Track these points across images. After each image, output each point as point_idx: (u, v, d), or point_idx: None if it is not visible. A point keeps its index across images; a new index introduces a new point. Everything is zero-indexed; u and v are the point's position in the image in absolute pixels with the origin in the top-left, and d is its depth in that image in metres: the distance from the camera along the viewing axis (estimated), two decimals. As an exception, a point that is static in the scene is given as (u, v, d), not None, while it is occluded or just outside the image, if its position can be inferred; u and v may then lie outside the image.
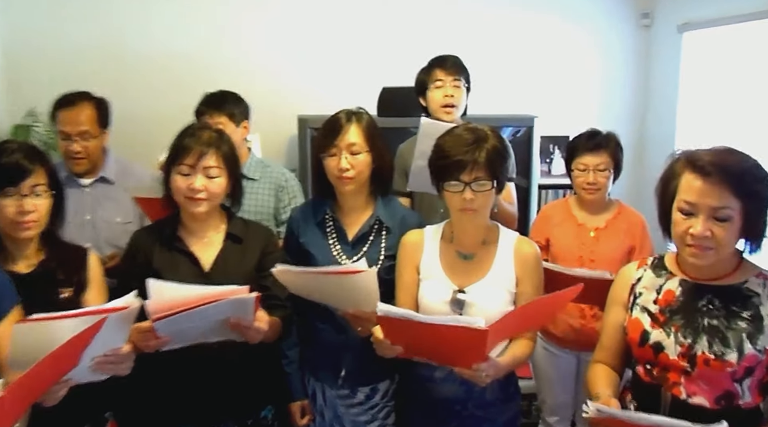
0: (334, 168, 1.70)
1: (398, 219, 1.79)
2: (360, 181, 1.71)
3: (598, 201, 2.30)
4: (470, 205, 1.60)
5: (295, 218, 1.82)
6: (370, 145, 1.73)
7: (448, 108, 2.28)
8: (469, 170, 1.59)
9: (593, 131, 2.30)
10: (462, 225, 1.67)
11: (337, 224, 1.79)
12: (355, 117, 1.74)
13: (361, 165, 1.71)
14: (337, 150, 1.71)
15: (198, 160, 1.59)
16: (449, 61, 2.29)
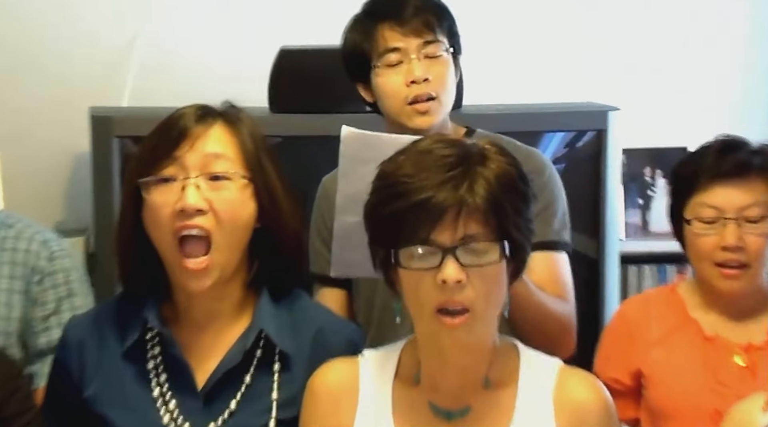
0: (166, 213, 1.52)
1: (308, 335, 1.61)
2: (228, 248, 1.55)
3: (747, 291, 2.01)
4: (454, 299, 1.41)
5: (74, 342, 1.63)
6: (249, 166, 1.57)
7: (419, 106, 1.97)
8: (452, 222, 1.40)
9: (732, 141, 2.04)
10: (440, 347, 1.48)
11: (170, 352, 1.58)
12: (221, 114, 1.59)
13: (230, 208, 1.54)
14: (179, 170, 1.53)
15: None
16: (412, 3, 2.01)
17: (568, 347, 1.93)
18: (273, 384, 1.57)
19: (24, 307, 1.94)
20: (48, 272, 1.97)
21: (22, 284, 1.94)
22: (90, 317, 1.67)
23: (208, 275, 1.53)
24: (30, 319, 1.95)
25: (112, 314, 1.63)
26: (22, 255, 1.96)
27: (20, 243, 1.98)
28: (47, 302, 1.96)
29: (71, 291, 1.99)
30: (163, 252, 1.55)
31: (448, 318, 1.41)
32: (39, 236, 1.99)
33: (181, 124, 1.56)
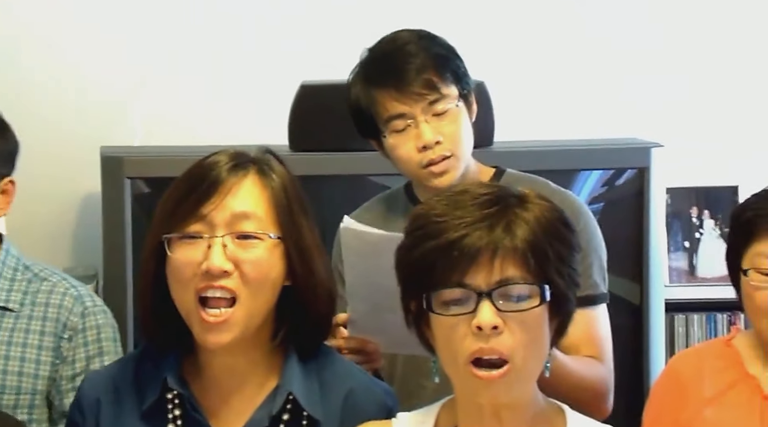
0: (189, 272, 1.49)
1: (338, 397, 1.57)
2: (252, 307, 1.51)
3: None
4: (491, 347, 1.38)
5: (90, 401, 1.58)
6: (280, 224, 1.54)
7: (435, 168, 1.95)
8: (487, 264, 1.38)
9: None
10: (477, 407, 1.44)
11: (192, 415, 1.54)
12: (254, 163, 1.54)
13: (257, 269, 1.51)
14: (205, 228, 1.50)
15: None
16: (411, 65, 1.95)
17: (602, 412, 1.90)
18: None
19: (53, 364, 1.94)
20: (79, 328, 1.96)
21: (53, 341, 1.95)
22: (107, 375, 1.63)
23: (228, 329, 1.49)
24: (58, 377, 1.94)
25: (130, 371, 1.60)
26: (54, 310, 1.97)
27: (53, 297, 1.99)
28: (77, 361, 1.95)
29: (102, 350, 1.98)
30: (181, 307, 1.51)
31: (484, 371, 1.37)
32: (73, 291, 2.00)
33: (212, 175, 1.52)
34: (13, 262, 2.03)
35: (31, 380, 1.96)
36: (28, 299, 2.00)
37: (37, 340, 1.97)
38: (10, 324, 1.97)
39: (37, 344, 1.97)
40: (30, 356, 1.96)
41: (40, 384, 1.96)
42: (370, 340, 1.84)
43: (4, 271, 2.00)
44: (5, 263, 2.02)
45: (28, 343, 1.96)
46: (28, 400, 1.95)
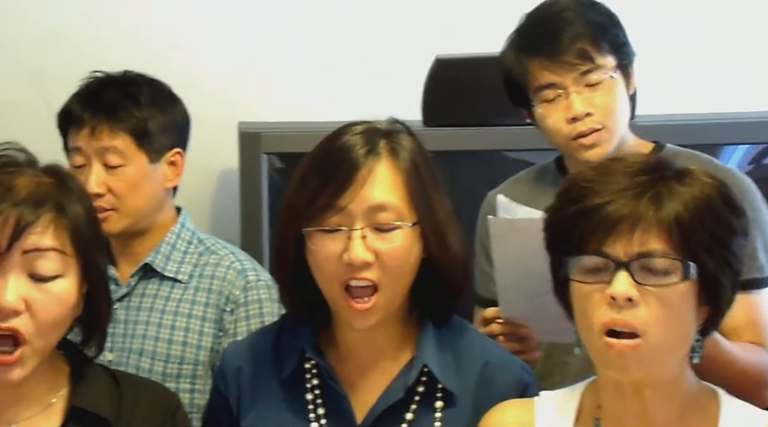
0: (331, 264, 1.49)
1: (473, 371, 1.56)
2: (393, 291, 1.52)
3: None
4: (624, 319, 1.33)
5: (232, 369, 1.61)
6: (416, 208, 1.52)
7: (585, 140, 1.89)
8: (627, 234, 1.32)
9: None
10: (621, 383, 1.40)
11: (329, 384, 1.55)
12: (386, 143, 1.52)
13: (397, 258, 1.51)
14: (344, 219, 1.49)
15: (10, 240, 1.33)
16: (565, 33, 1.88)
17: (764, 400, 1.80)
18: (435, 422, 1.54)
19: (215, 336, 1.98)
20: (242, 302, 1.99)
21: (216, 313, 1.98)
22: (247, 344, 1.66)
23: (373, 314, 1.51)
24: (220, 349, 1.96)
25: (269, 341, 1.62)
26: (218, 283, 2.01)
27: (218, 270, 2.03)
28: (239, 334, 1.98)
29: (264, 324, 1.99)
30: (327, 294, 1.53)
31: (615, 340, 1.32)
32: (237, 265, 2.03)
33: (347, 164, 1.51)
34: (187, 235, 2.06)
35: (194, 350, 1.99)
36: (197, 271, 2.03)
37: (201, 311, 2.00)
38: (178, 295, 2.01)
39: (201, 315, 2.00)
40: (194, 327, 1.99)
41: (203, 355, 1.98)
42: (523, 324, 1.83)
43: (178, 243, 2.04)
44: (180, 235, 2.05)
45: (192, 314, 1.99)
46: (191, 370, 1.98)
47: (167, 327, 1.99)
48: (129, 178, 1.99)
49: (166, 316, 2.00)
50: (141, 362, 1.98)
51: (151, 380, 1.67)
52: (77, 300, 1.40)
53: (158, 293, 2.02)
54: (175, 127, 2.07)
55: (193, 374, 1.98)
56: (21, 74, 2.53)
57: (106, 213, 1.96)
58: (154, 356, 1.97)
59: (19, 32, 2.79)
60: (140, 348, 1.97)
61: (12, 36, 2.81)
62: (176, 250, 2.05)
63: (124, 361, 1.98)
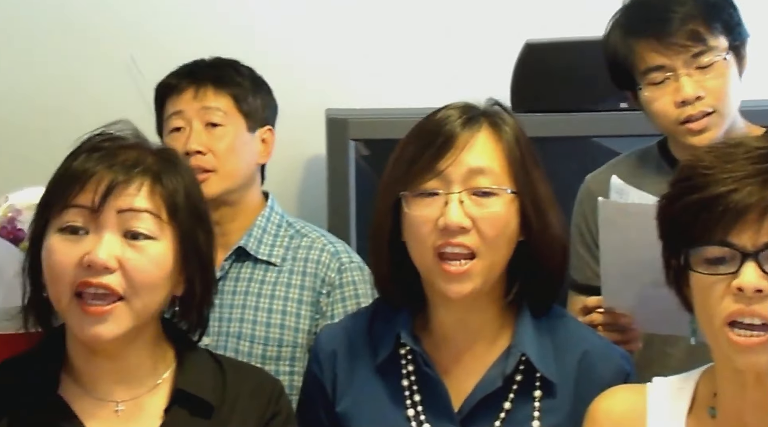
0: (427, 229, 1.48)
1: (572, 360, 1.55)
2: (490, 262, 1.49)
3: None
4: (752, 310, 1.29)
5: (327, 353, 1.61)
6: (515, 178, 1.51)
7: (694, 125, 1.83)
8: (755, 223, 1.29)
9: None
10: (737, 375, 1.36)
11: (425, 371, 1.54)
12: (486, 117, 1.51)
13: (494, 225, 1.48)
14: (441, 183, 1.48)
15: (103, 196, 1.34)
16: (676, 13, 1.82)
17: None
18: (534, 412, 1.52)
19: (312, 319, 1.99)
20: (337, 284, 2.01)
21: (312, 295, 1.99)
22: (341, 328, 1.66)
23: (469, 279, 1.48)
24: (318, 332, 1.95)
25: (364, 326, 1.61)
26: (312, 265, 2.02)
27: (312, 253, 2.04)
28: (335, 316, 1.99)
29: (360, 306, 1.99)
30: (420, 263, 1.51)
31: (742, 333, 1.29)
32: (331, 247, 2.04)
33: (446, 130, 1.50)
34: (277, 218, 2.08)
35: (292, 333, 2.00)
36: (289, 254, 2.05)
37: (297, 294, 2.01)
38: (272, 278, 2.02)
39: (297, 298, 2.01)
40: (291, 310, 2.01)
41: (301, 337, 2.00)
42: (625, 314, 1.79)
43: (268, 227, 2.06)
44: (270, 219, 2.07)
45: (289, 297, 2.01)
46: (290, 352, 1.99)
47: (264, 310, 2.01)
48: (229, 139, 2.02)
49: (263, 299, 2.01)
50: (239, 345, 1.99)
51: (254, 366, 1.68)
52: (173, 268, 1.40)
53: (252, 277, 2.03)
54: (268, 105, 2.12)
55: (292, 356, 1.99)
56: (117, 64, 2.58)
57: (205, 174, 1.98)
58: (252, 339, 1.98)
59: (115, 23, 2.83)
60: (238, 332, 1.98)
61: (108, 27, 2.84)
62: (267, 233, 2.07)
63: (222, 345, 1.99)
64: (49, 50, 2.82)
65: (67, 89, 2.78)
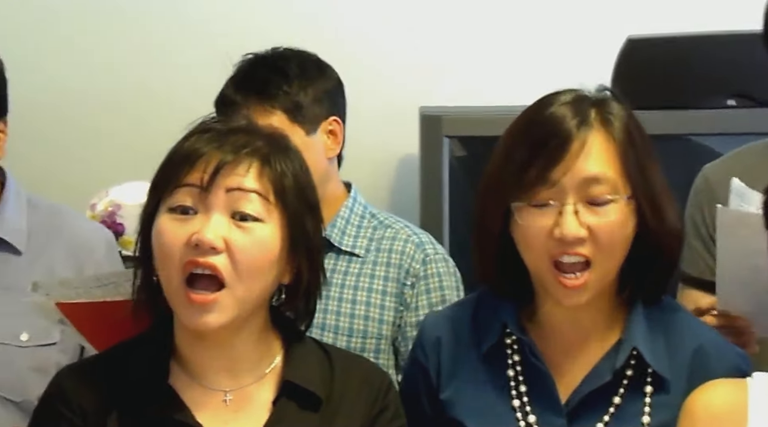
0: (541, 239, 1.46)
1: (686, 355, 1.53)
2: (606, 268, 1.48)
3: None
4: None
5: (431, 340, 1.60)
6: (631, 180, 1.48)
7: None
8: None
9: None
10: None
11: (531, 362, 1.53)
12: (597, 113, 1.47)
13: (610, 234, 1.47)
14: (554, 193, 1.46)
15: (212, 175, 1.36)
16: None
17: None
18: (645, 408, 1.49)
19: (397, 310, 1.98)
20: (421, 275, 2.00)
21: (396, 287, 1.99)
22: (446, 316, 1.66)
23: (585, 291, 1.47)
24: (402, 323, 1.98)
25: (468, 313, 1.61)
26: (396, 256, 2.02)
27: (396, 244, 2.03)
28: (420, 308, 1.99)
29: (445, 298, 2.01)
30: (534, 270, 1.50)
31: None
32: (415, 238, 2.04)
33: (558, 131, 1.46)
34: (360, 210, 2.07)
35: (377, 324, 2.00)
36: (373, 245, 2.04)
37: (381, 285, 2.01)
38: (356, 269, 2.02)
39: (381, 289, 2.01)
40: (375, 301, 2.00)
41: (385, 329, 1.99)
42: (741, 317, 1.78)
43: (351, 218, 2.06)
44: (353, 210, 2.07)
45: (373, 288, 2.00)
46: (374, 344, 1.99)
47: (348, 301, 2.01)
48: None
49: (347, 290, 2.01)
50: (324, 336, 1.99)
51: (362, 357, 1.68)
52: (279, 254, 1.40)
53: (336, 268, 2.03)
54: (327, 95, 2.07)
55: (377, 348, 1.99)
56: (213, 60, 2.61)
57: None
58: (337, 330, 1.99)
59: (211, 18, 2.86)
60: (322, 323, 1.98)
61: (207, 24, 2.88)
62: (351, 224, 2.06)
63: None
64: (151, 47, 2.86)
65: (168, 86, 2.82)
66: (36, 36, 2.92)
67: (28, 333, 1.96)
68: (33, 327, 1.95)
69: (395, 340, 2.01)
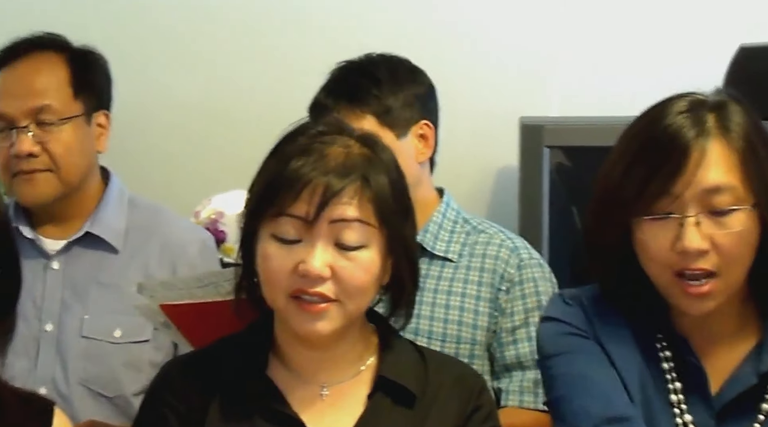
0: (662, 252, 1.45)
1: None
2: (731, 279, 1.46)
3: None
4: None
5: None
6: (755, 189, 1.45)
7: None
8: None
9: None
10: None
11: (686, 359, 1.52)
12: (715, 120, 1.44)
13: (736, 246, 1.44)
14: (675, 205, 1.44)
15: (318, 208, 1.39)
16: None
17: None
18: None
19: (491, 316, 1.96)
20: (516, 281, 1.98)
21: (490, 292, 1.97)
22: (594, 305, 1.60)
23: (711, 298, 1.45)
24: (498, 329, 1.96)
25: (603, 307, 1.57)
26: (491, 261, 2.00)
27: (490, 249, 2.01)
28: (515, 313, 1.97)
29: (540, 303, 1.98)
30: (657, 282, 1.47)
31: None
32: (509, 243, 2.02)
33: (677, 144, 1.42)
34: (452, 215, 2.06)
35: (470, 329, 1.98)
36: (466, 250, 2.03)
37: (475, 290, 1.99)
38: (449, 274, 2.00)
39: (475, 294, 1.99)
40: (468, 306, 1.98)
41: (479, 334, 1.97)
42: None
43: (444, 223, 2.04)
44: (446, 215, 2.05)
45: (466, 293, 1.98)
46: (468, 349, 1.97)
47: (441, 306, 1.99)
48: None
49: (440, 295, 1.99)
50: (417, 341, 1.98)
51: (456, 359, 1.69)
52: (382, 270, 1.44)
53: (429, 273, 2.01)
54: (417, 99, 2.06)
55: (470, 353, 1.96)
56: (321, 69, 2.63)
57: None
58: (430, 335, 1.97)
59: (321, 26, 2.86)
60: (415, 328, 1.96)
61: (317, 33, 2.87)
62: (443, 229, 2.05)
63: None
64: (259, 56, 2.86)
65: (274, 95, 2.80)
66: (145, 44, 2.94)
67: (122, 330, 1.98)
68: (126, 324, 1.98)
69: (490, 346, 1.98)
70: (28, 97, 1.95)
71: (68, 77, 2.00)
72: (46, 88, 1.97)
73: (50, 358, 1.99)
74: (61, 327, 2.00)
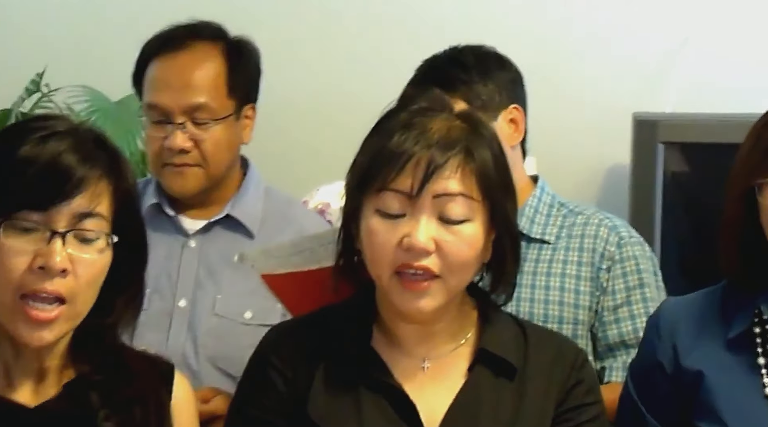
0: None
1: None
2: None
3: None
4: None
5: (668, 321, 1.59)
6: None
7: None
8: None
9: None
10: None
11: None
12: None
13: None
14: None
15: (421, 182, 1.41)
16: None
17: None
18: None
19: (592, 295, 1.97)
20: (617, 259, 1.99)
21: (591, 271, 1.97)
22: (689, 301, 1.64)
23: None
24: (599, 308, 1.98)
25: (717, 300, 1.59)
26: (589, 240, 2.00)
27: (588, 229, 2.02)
28: (617, 292, 1.98)
29: (642, 281, 1.99)
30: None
31: None
32: (608, 222, 2.03)
33: None
34: (548, 199, 2.08)
35: (572, 309, 1.99)
36: (564, 231, 2.04)
37: (574, 270, 2.00)
38: (547, 256, 2.02)
39: (575, 274, 2.00)
40: (569, 286, 2.00)
41: (581, 314, 1.99)
42: None
43: (540, 207, 2.06)
44: (541, 199, 2.08)
45: (566, 273, 2.00)
46: (571, 330, 1.98)
47: (542, 288, 2.00)
48: None
49: (539, 277, 2.01)
50: None
51: (556, 332, 1.70)
52: (484, 245, 1.45)
53: (526, 256, 2.02)
54: (506, 84, 2.07)
55: (573, 334, 1.96)
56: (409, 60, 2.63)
57: None
58: (531, 317, 1.98)
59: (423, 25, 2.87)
60: (516, 311, 1.96)
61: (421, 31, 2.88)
62: (539, 213, 2.06)
63: None
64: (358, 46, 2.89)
65: (372, 85, 2.80)
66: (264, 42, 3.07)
67: (252, 311, 2.01)
68: (257, 307, 2.01)
69: (592, 326, 1.99)
70: (186, 91, 1.99)
71: (224, 72, 2.03)
72: (203, 84, 2.01)
73: (182, 333, 2.03)
74: (194, 303, 2.05)
